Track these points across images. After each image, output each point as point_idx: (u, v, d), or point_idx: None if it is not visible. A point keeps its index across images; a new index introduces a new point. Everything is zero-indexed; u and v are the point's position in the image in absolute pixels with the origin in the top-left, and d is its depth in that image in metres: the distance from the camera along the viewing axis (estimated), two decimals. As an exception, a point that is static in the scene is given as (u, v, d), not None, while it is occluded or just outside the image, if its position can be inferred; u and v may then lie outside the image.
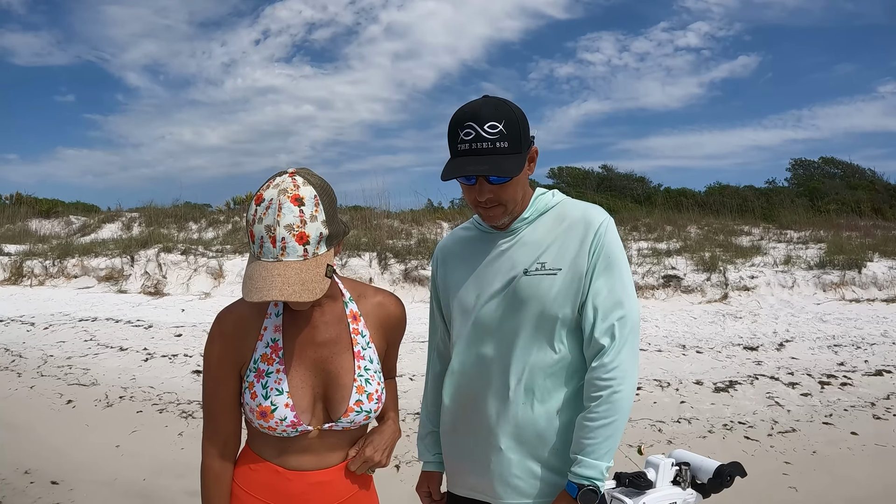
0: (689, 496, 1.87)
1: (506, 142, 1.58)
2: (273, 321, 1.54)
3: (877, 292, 9.67)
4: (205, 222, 15.17)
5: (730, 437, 4.94)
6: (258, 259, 1.36)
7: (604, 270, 1.64)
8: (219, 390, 1.55)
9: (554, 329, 1.65)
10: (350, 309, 1.61)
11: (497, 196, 1.64)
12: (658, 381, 6.29)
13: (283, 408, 1.48)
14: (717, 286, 10.02)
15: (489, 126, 1.57)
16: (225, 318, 1.55)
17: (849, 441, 4.83)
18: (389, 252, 11.44)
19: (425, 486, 1.94)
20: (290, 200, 1.34)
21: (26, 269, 12.35)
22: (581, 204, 1.75)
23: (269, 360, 1.51)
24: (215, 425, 1.57)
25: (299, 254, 1.35)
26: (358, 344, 1.58)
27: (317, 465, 1.55)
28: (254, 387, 1.49)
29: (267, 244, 1.34)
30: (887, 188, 19.20)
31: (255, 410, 1.48)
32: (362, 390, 1.54)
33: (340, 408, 1.52)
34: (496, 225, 1.74)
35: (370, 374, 1.57)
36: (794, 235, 13.19)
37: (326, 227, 1.38)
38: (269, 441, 1.54)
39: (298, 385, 1.51)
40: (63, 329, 8.87)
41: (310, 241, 1.35)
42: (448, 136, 1.64)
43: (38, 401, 6.01)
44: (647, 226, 14.10)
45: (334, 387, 1.53)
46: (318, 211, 1.37)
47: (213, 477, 1.56)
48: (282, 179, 1.37)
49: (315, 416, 1.53)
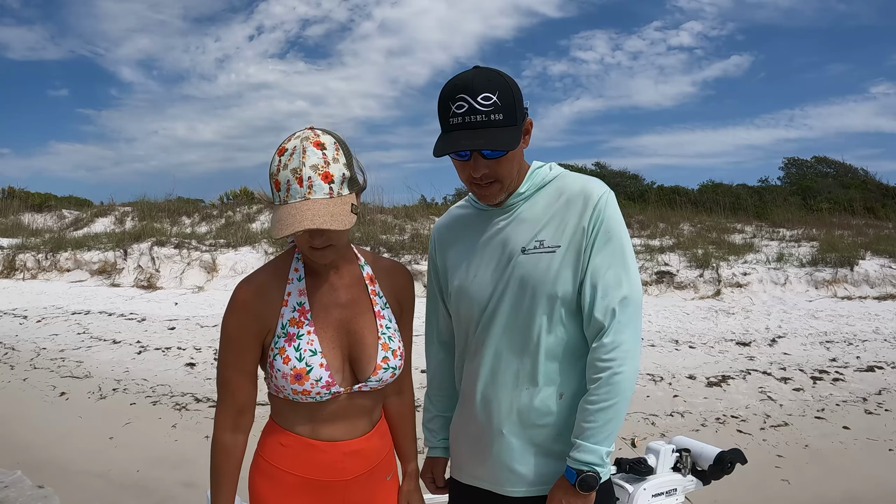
0: (690, 483, 1.88)
1: (501, 114, 1.50)
2: (296, 286, 1.57)
3: (868, 290, 9.73)
4: (198, 216, 15.12)
5: (722, 431, 4.97)
6: (285, 203, 1.42)
7: (604, 246, 1.56)
8: (238, 361, 1.55)
9: (554, 309, 1.57)
10: (366, 272, 1.67)
11: (493, 172, 1.56)
12: (651, 376, 6.31)
13: (318, 368, 1.51)
14: (710, 283, 10.06)
15: (483, 98, 1.49)
16: (246, 287, 1.56)
17: (841, 435, 4.87)
18: (383, 247, 11.43)
19: (429, 472, 1.91)
20: (313, 145, 1.42)
21: (19, 262, 12.28)
22: (581, 177, 1.66)
23: (299, 323, 1.54)
24: (231, 397, 1.57)
25: (325, 191, 1.41)
26: (377, 304, 1.64)
27: (347, 433, 1.59)
28: (285, 351, 1.52)
29: (294, 185, 1.41)
30: (879, 187, 19.29)
31: (289, 374, 1.50)
32: (387, 347, 1.59)
33: (369, 367, 1.57)
34: (491, 204, 1.65)
35: (391, 331, 1.63)
36: (786, 233, 13.24)
37: (348, 169, 1.46)
38: (300, 412, 1.56)
39: (329, 346, 1.55)
40: (56, 322, 8.83)
41: (334, 181, 1.42)
42: (439, 110, 1.55)
43: (31, 393, 5.99)
44: (640, 223, 14.13)
45: (360, 346, 1.58)
46: (339, 154, 1.45)
47: (223, 451, 1.57)
48: (301, 132, 1.46)
49: (345, 377, 1.57)
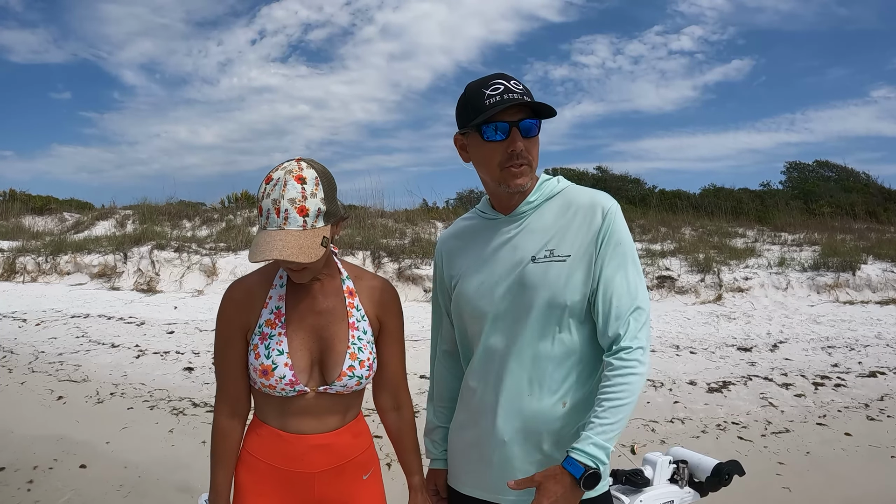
0: (687, 494, 1.85)
1: (531, 97, 1.61)
2: (278, 291, 1.72)
3: (870, 294, 9.68)
4: (199, 220, 15.10)
5: (723, 438, 4.93)
6: (264, 229, 1.55)
7: (615, 256, 1.60)
8: (227, 352, 1.72)
9: (563, 317, 1.60)
10: (347, 285, 1.77)
11: (528, 150, 1.62)
12: (651, 381, 6.27)
13: (282, 367, 1.65)
14: (712, 287, 10.03)
15: (514, 83, 1.60)
16: (236, 287, 1.75)
17: (843, 442, 4.83)
18: (383, 251, 11.41)
19: (432, 483, 1.90)
20: (294, 179, 1.55)
21: (19, 265, 12.28)
22: (588, 190, 1.71)
23: (273, 324, 1.69)
24: (225, 386, 1.74)
25: (299, 224, 1.54)
26: (353, 316, 1.74)
27: (315, 428, 1.70)
28: (258, 348, 1.67)
29: (272, 215, 1.54)
30: (881, 191, 19.21)
31: (258, 369, 1.66)
32: (355, 357, 1.70)
33: (334, 371, 1.68)
34: (518, 191, 1.66)
35: (363, 343, 1.73)
36: (788, 237, 13.19)
37: (325, 204, 1.57)
38: (272, 404, 1.71)
39: (297, 347, 1.68)
40: (55, 325, 8.81)
41: (309, 214, 1.54)
42: (468, 102, 1.63)
43: (28, 396, 5.97)
44: (641, 227, 14.09)
45: (329, 352, 1.70)
46: (318, 190, 1.57)
47: (221, 434, 1.74)
48: (289, 163, 1.59)
49: (312, 378, 1.69)
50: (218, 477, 1.74)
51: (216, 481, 1.74)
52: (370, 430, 1.87)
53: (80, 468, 4.31)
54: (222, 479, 1.74)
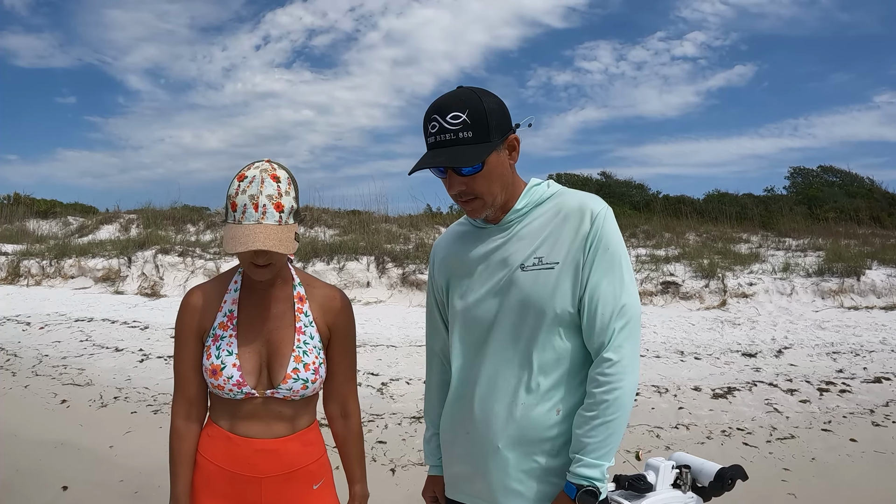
0: (690, 500, 1.84)
1: (469, 132, 1.54)
2: (232, 295, 1.80)
3: (875, 300, 9.65)
4: (202, 224, 15.14)
5: (728, 444, 4.91)
6: (239, 223, 1.61)
7: (602, 262, 1.57)
8: (184, 355, 1.78)
9: (553, 325, 1.59)
10: (297, 291, 1.83)
11: (470, 188, 1.59)
12: (656, 387, 6.26)
13: (230, 367, 1.70)
14: (716, 293, 10.00)
15: (451, 117, 1.55)
16: (193, 291, 1.83)
17: (848, 448, 4.80)
18: (387, 256, 11.40)
19: (431, 490, 1.90)
20: (270, 177, 1.64)
21: (23, 268, 12.32)
22: (578, 194, 1.68)
23: (225, 326, 1.76)
24: (181, 387, 1.80)
25: (276, 219, 1.62)
26: (300, 321, 1.79)
27: (263, 433, 1.74)
28: (210, 349, 1.74)
29: (250, 210, 1.61)
30: (886, 196, 19.15)
31: (208, 369, 1.72)
32: (300, 360, 1.74)
33: (279, 374, 1.72)
34: (483, 218, 1.69)
35: (309, 347, 1.77)
36: (792, 243, 13.17)
37: (295, 202, 1.69)
38: (224, 406, 1.76)
39: (246, 350, 1.73)
40: (59, 329, 8.83)
41: (284, 211, 1.64)
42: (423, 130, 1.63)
43: (32, 400, 5.98)
44: (645, 232, 14.08)
45: (276, 356, 1.74)
46: (291, 189, 1.67)
47: (177, 436, 1.78)
48: (260, 163, 1.68)
49: (260, 382, 1.73)
50: (178, 486, 1.76)
51: (175, 490, 1.76)
52: (324, 441, 1.89)
53: (83, 472, 4.30)
54: (182, 488, 1.76)
